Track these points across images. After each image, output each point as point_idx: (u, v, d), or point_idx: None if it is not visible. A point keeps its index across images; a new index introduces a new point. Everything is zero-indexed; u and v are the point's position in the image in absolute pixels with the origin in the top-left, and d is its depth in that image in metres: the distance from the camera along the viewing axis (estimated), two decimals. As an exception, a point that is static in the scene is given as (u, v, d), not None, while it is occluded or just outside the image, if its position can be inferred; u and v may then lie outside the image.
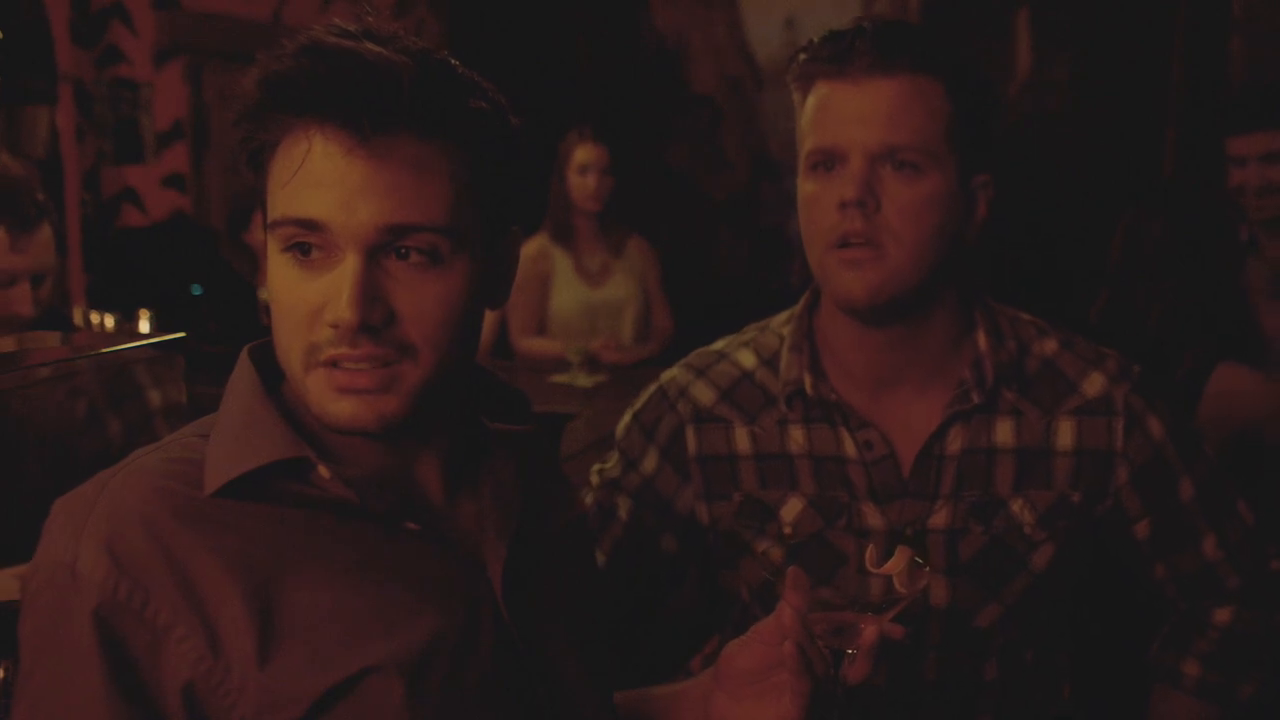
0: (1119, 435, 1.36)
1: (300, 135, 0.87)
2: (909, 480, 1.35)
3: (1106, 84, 4.55)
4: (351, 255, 0.87)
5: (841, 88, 1.28)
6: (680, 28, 5.31)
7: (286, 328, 0.90)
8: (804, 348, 1.39)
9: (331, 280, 0.87)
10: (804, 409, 1.38)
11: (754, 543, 1.39)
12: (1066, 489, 1.36)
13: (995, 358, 1.35)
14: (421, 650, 0.90)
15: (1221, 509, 1.42)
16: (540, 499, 1.07)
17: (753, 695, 1.03)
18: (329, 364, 0.88)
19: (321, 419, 0.90)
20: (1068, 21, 4.65)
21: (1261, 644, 1.44)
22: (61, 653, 0.85)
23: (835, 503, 1.36)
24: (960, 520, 1.34)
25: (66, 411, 1.79)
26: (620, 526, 1.44)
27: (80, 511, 0.88)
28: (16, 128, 3.68)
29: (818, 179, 1.30)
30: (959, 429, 1.35)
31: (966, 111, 1.29)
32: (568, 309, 3.82)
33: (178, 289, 3.92)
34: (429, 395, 0.91)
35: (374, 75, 0.85)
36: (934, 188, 1.27)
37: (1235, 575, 1.43)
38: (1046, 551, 1.36)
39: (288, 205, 0.88)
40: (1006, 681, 1.39)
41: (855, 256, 1.27)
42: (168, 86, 4.21)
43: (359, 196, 0.86)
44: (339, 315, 0.86)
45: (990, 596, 1.35)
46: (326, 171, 0.86)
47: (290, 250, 0.89)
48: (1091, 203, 4.09)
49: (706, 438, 1.41)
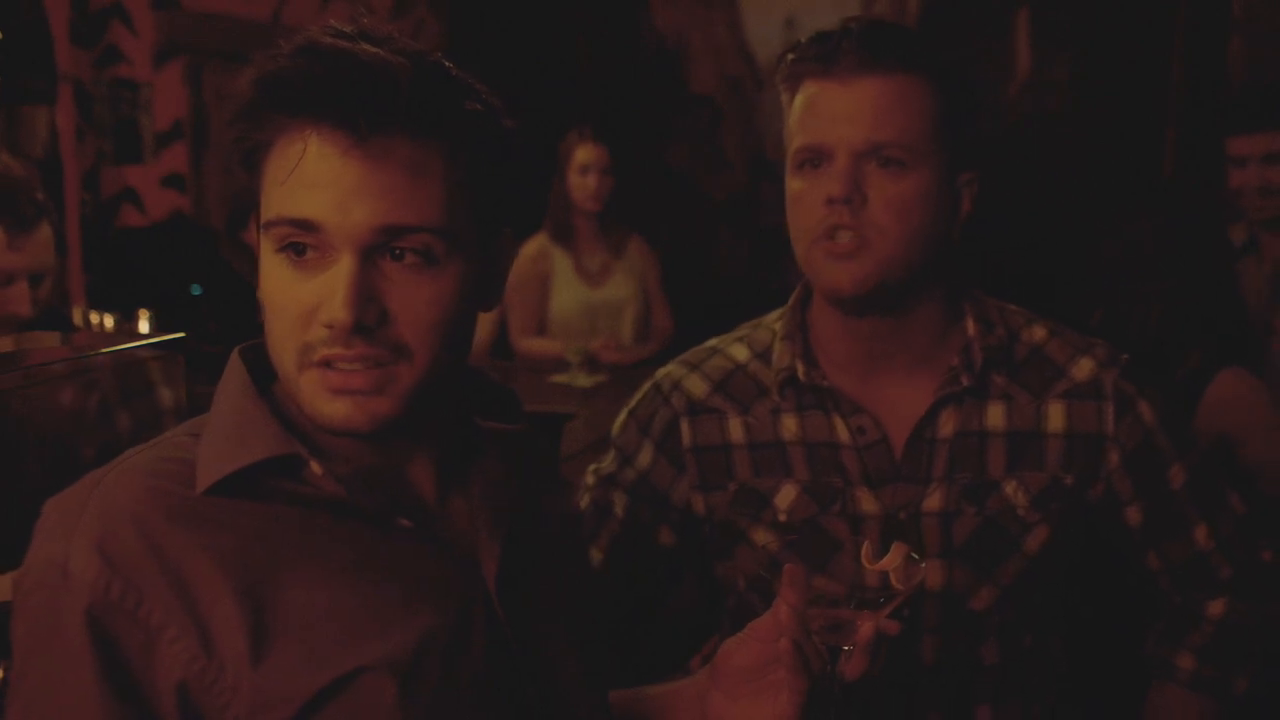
0: (1109, 419, 1.38)
1: (296, 136, 0.87)
2: (901, 464, 1.37)
3: (1106, 84, 4.55)
4: (346, 256, 0.87)
5: (829, 87, 1.30)
6: (680, 28, 5.31)
7: (279, 328, 0.90)
8: (796, 337, 1.41)
9: (326, 281, 0.87)
10: (796, 396, 1.40)
11: (749, 531, 1.41)
12: (1059, 471, 1.37)
13: (984, 342, 1.38)
14: (415, 650, 0.90)
15: (1213, 499, 1.44)
16: (534, 498, 1.07)
17: (749, 693, 1.03)
18: (322, 364, 0.88)
19: (314, 419, 0.90)
20: (1068, 21, 4.64)
21: (1255, 636, 1.45)
22: (54, 653, 0.85)
23: (829, 488, 1.38)
24: (954, 503, 1.36)
25: (67, 412, 1.79)
26: (617, 522, 1.46)
27: (72, 511, 0.88)
28: (16, 128, 3.68)
29: (805, 176, 1.33)
30: (950, 412, 1.37)
31: (952, 110, 1.31)
32: (568, 309, 3.83)
33: (177, 289, 3.92)
34: (422, 396, 0.91)
35: (370, 76, 0.85)
36: (919, 184, 1.29)
37: (1227, 566, 1.44)
38: (1040, 534, 1.37)
39: (282, 205, 0.88)
40: (1005, 665, 1.40)
41: (841, 249, 1.29)
42: (167, 86, 4.21)
43: (354, 197, 0.86)
44: (333, 316, 0.86)
45: (985, 578, 1.37)
46: (322, 172, 0.86)
47: (284, 251, 0.89)
48: (1091, 203, 4.09)
49: (701, 429, 1.43)
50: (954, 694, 1.39)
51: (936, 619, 1.37)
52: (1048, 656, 1.45)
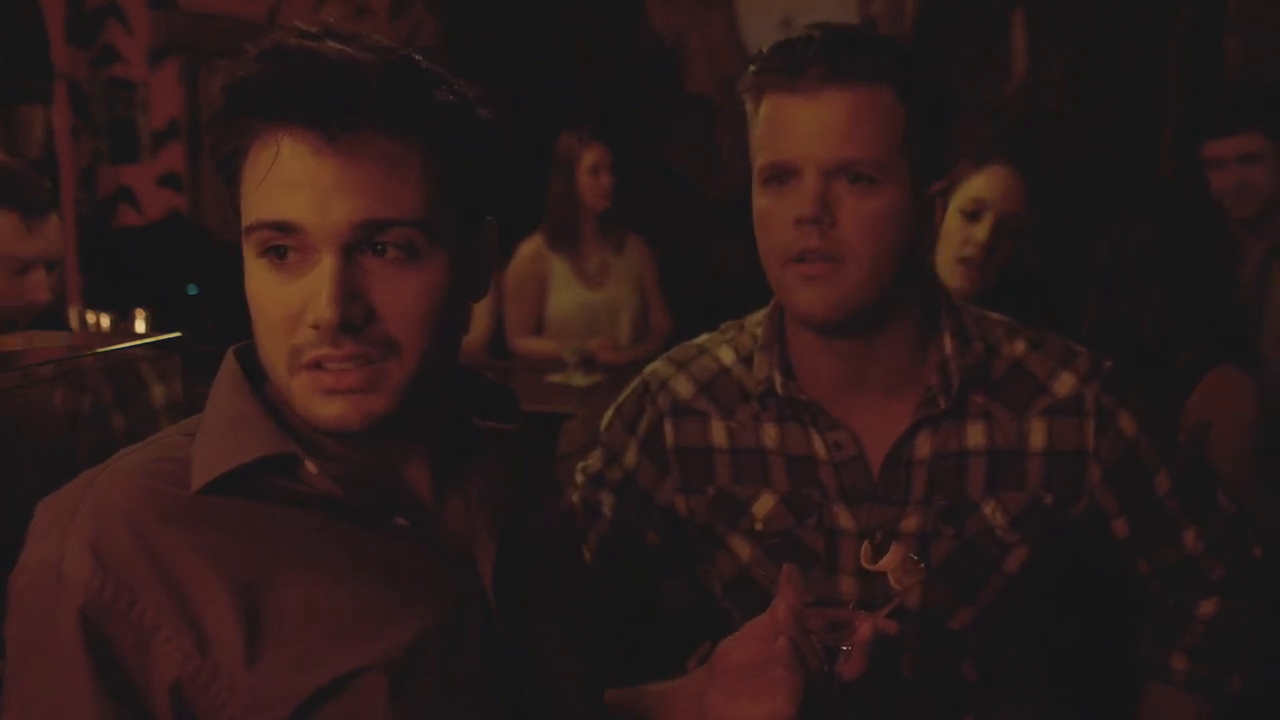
0: (1090, 435, 1.36)
1: (269, 139, 0.87)
2: (878, 484, 1.35)
3: (1104, 84, 4.55)
4: (328, 255, 0.86)
5: (793, 101, 1.26)
6: (678, 28, 5.31)
7: (267, 333, 0.90)
8: (774, 348, 1.39)
9: (309, 281, 0.87)
10: (776, 407, 1.39)
11: (727, 538, 1.39)
12: (1039, 490, 1.35)
13: (961, 361, 1.35)
14: (410, 650, 0.90)
15: (1201, 500, 1.42)
16: (530, 498, 1.07)
17: (747, 692, 1.02)
18: (313, 366, 0.88)
19: (309, 421, 0.90)
20: (1065, 21, 4.65)
21: (1248, 634, 1.45)
22: (48, 654, 0.85)
23: (807, 501, 1.36)
24: (931, 525, 1.34)
25: (65, 411, 1.78)
26: (605, 522, 1.45)
27: (65, 511, 0.87)
28: (12, 127, 3.67)
29: (771, 194, 1.29)
30: (927, 435, 1.35)
31: (920, 119, 1.27)
32: (566, 309, 3.83)
33: (174, 289, 3.91)
34: (415, 391, 0.91)
35: (336, 74, 0.85)
36: (889, 200, 1.25)
37: (1219, 565, 1.43)
38: (1019, 554, 1.36)
39: (260, 209, 0.88)
40: (988, 681, 1.39)
41: (813, 272, 1.26)
42: (163, 86, 4.21)
43: (331, 195, 0.86)
44: (319, 315, 0.86)
45: (963, 599, 1.36)
46: (297, 173, 0.86)
47: (266, 255, 0.89)
48: (1089, 202, 4.09)
49: (684, 430, 1.42)
50: (940, 710, 1.38)
51: (915, 638, 1.36)
52: (1034, 671, 1.44)
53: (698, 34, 5.26)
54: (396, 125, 0.87)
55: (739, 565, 1.40)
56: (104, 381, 1.86)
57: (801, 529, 1.36)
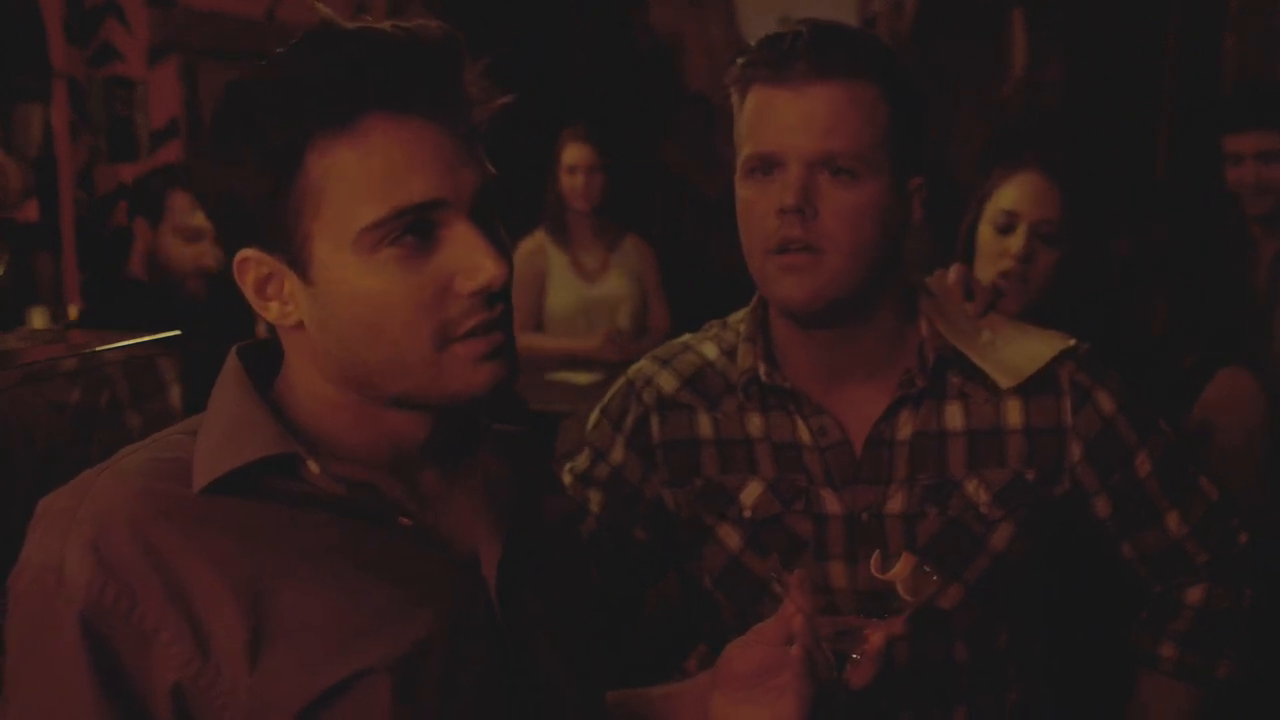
0: (1067, 412, 1.39)
1: (373, 126, 0.87)
2: (861, 464, 1.37)
3: (1100, 83, 4.56)
4: (461, 219, 0.91)
5: (779, 94, 1.29)
6: (674, 25, 5.32)
7: (396, 325, 0.89)
8: (758, 339, 1.41)
9: (450, 252, 0.91)
10: (761, 396, 1.41)
11: (715, 528, 1.41)
12: (1020, 467, 1.38)
13: (937, 342, 1.38)
14: (414, 651, 0.89)
15: (1182, 485, 1.44)
16: (534, 500, 1.07)
17: (752, 697, 1.02)
18: (468, 335, 0.90)
19: (464, 392, 0.91)
20: (1062, 20, 4.65)
21: (1235, 620, 1.46)
22: (48, 656, 0.85)
23: (793, 486, 1.38)
24: (916, 504, 1.36)
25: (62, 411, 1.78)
26: (593, 520, 1.46)
27: (65, 512, 0.87)
28: (10, 126, 3.66)
29: (754, 184, 1.31)
30: (908, 414, 1.38)
31: (903, 116, 1.30)
32: (564, 306, 3.86)
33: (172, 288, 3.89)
34: None
35: (430, 53, 0.90)
36: (871, 193, 1.28)
37: (1203, 552, 1.45)
38: (1005, 532, 1.37)
39: (389, 198, 0.87)
40: (977, 664, 1.40)
41: (794, 262, 1.28)
42: (162, 84, 4.20)
43: (462, 169, 0.92)
44: (490, 276, 0.92)
45: (951, 579, 1.37)
46: (427, 151, 0.89)
47: (397, 243, 0.88)
48: (1087, 202, 4.08)
49: (670, 424, 1.43)
50: (929, 694, 1.40)
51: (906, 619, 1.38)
52: (1025, 655, 1.45)
53: (696, 32, 5.27)
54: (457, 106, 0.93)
55: (727, 554, 1.41)
56: (99, 380, 1.85)
57: (789, 515, 1.38)
